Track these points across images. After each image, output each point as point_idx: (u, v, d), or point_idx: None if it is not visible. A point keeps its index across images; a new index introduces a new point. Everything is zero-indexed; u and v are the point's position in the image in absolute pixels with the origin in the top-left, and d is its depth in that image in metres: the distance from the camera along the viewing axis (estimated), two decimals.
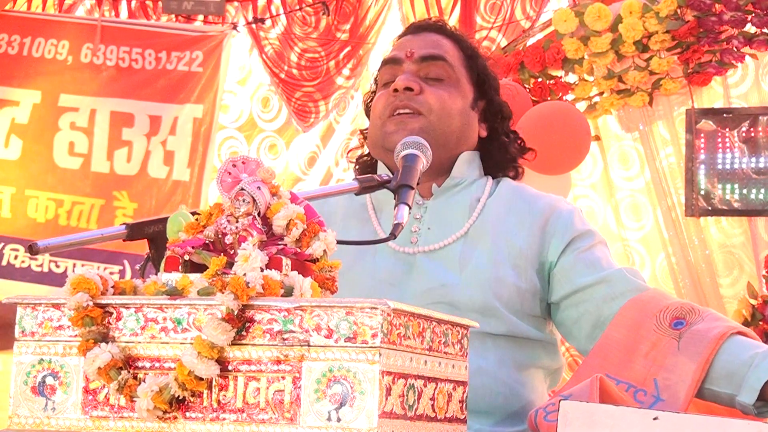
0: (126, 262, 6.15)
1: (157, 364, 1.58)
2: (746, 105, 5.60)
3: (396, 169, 2.14)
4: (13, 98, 6.40)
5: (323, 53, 6.54)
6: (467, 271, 2.27)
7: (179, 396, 1.55)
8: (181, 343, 1.57)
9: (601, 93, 5.64)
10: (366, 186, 2.15)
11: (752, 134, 5.50)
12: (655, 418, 1.57)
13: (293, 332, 1.52)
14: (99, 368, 1.58)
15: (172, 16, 6.65)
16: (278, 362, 1.53)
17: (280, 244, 1.63)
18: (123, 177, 6.29)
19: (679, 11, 5.37)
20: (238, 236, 1.63)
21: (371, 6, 6.51)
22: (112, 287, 1.63)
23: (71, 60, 6.38)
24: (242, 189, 1.65)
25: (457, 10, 6.27)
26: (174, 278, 1.61)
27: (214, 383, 1.55)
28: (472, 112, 2.43)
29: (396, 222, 1.99)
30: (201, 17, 6.70)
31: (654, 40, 5.40)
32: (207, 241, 1.65)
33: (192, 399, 1.56)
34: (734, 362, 2.04)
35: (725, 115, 5.56)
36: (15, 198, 6.34)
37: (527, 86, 5.62)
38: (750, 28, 5.37)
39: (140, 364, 1.59)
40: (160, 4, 6.56)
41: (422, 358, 1.60)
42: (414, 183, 2.09)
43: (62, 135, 6.34)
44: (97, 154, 6.31)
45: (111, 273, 1.62)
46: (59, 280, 6.06)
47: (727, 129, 5.53)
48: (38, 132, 6.36)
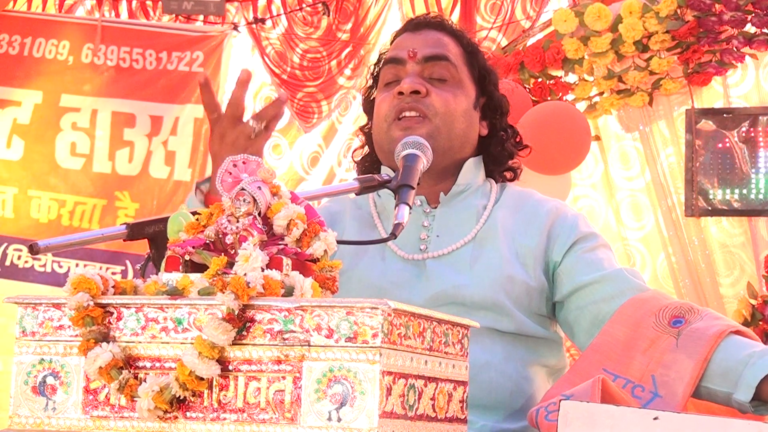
0: (128, 263, 6.14)
1: (158, 364, 1.58)
2: (746, 105, 5.59)
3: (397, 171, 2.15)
4: (15, 98, 6.39)
5: (325, 53, 6.54)
6: (478, 271, 2.28)
7: (180, 396, 1.55)
8: (182, 343, 1.57)
9: (601, 93, 5.64)
10: (366, 186, 2.15)
11: (752, 134, 5.49)
12: (656, 418, 1.58)
13: (294, 332, 1.52)
14: (100, 368, 1.58)
15: (173, 16, 6.64)
16: (279, 362, 1.53)
17: (281, 244, 1.63)
18: (124, 177, 6.29)
19: (679, 11, 5.36)
20: (239, 236, 1.63)
21: (371, 6, 6.51)
22: (113, 287, 1.63)
23: (72, 60, 6.37)
24: (243, 189, 1.65)
25: (457, 10, 6.26)
26: (174, 278, 1.61)
27: (215, 383, 1.55)
28: (475, 112, 2.43)
29: (396, 222, 1.99)
30: (201, 17, 6.69)
31: (654, 40, 5.40)
32: (207, 241, 1.65)
33: (192, 399, 1.56)
34: (731, 360, 2.05)
35: (725, 115, 5.55)
36: (17, 198, 6.33)
37: (527, 86, 5.61)
38: (750, 28, 5.36)
39: (141, 364, 1.59)
40: (160, 4, 6.56)
41: (423, 358, 1.60)
42: (414, 183, 2.09)
43: (64, 135, 6.33)
44: (99, 155, 6.31)
45: (113, 273, 1.61)
46: (62, 281, 6.03)
47: (727, 129, 5.52)
48: (40, 132, 6.35)
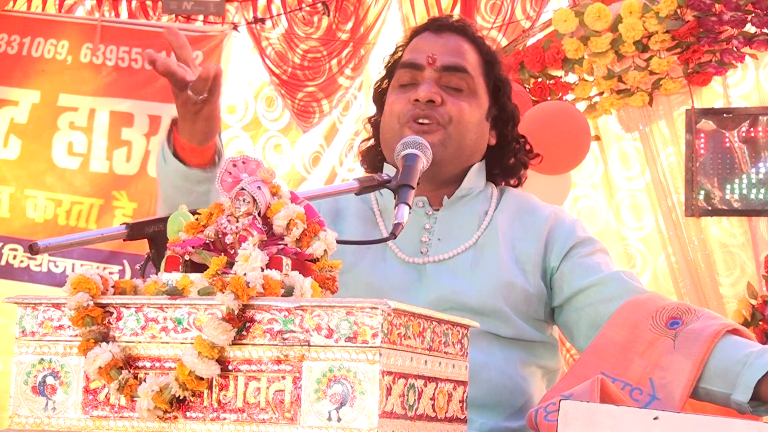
0: (126, 262, 6.12)
1: (158, 364, 1.58)
2: (746, 105, 5.60)
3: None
4: (12, 98, 6.38)
5: (325, 53, 6.53)
6: (478, 277, 2.30)
7: (180, 396, 1.55)
8: (182, 343, 1.57)
9: (601, 93, 5.64)
10: (366, 186, 2.15)
11: (752, 134, 5.49)
12: (656, 418, 1.58)
13: (293, 332, 1.52)
14: (99, 368, 1.58)
15: (172, 17, 6.64)
16: (278, 362, 1.53)
17: (281, 244, 1.63)
18: (122, 177, 6.27)
19: (679, 11, 5.36)
20: (239, 236, 1.63)
21: (371, 6, 6.50)
22: (113, 287, 1.63)
23: (71, 60, 6.36)
24: (242, 189, 1.65)
25: (457, 10, 6.26)
26: (174, 278, 1.61)
27: (215, 383, 1.55)
28: (486, 123, 2.44)
29: (396, 222, 2.00)
30: (201, 17, 6.69)
31: (654, 40, 5.40)
32: (207, 241, 1.65)
33: (192, 399, 1.56)
34: (728, 361, 2.05)
35: (725, 115, 5.56)
36: (13, 198, 6.32)
37: (527, 86, 5.61)
38: (750, 28, 5.36)
39: (141, 364, 1.59)
40: (160, 5, 6.55)
41: (422, 358, 1.60)
42: (414, 183, 2.10)
43: (61, 135, 6.32)
44: (96, 154, 6.29)
45: (111, 273, 1.60)
46: (58, 280, 6.04)
47: (727, 129, 5.53)
48: (37, 132, 6.34)
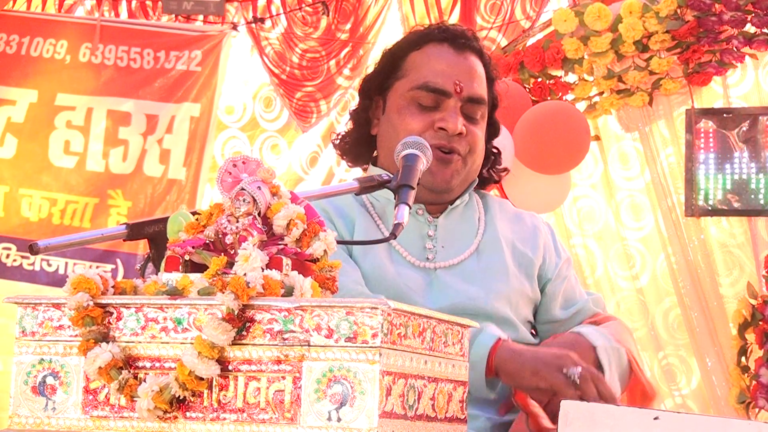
0: (119, 261, 6.09)
1: (158, 364, 1.58)
2: (746, 105, 5.59)
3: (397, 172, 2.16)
4: (10, 97, 6.38)
5: (324, 53, 6.53)
6: (489, 283, 2.34)
7: (180, 396, 1.55)
8: (182, 343, 1.57)
9: (601, 93, 5.63)
10: (366, 186, 2.15)
11: (752, 134, 5.49)
12: (656, 418, 1.58)
13: (293, 332, 1.52)
14: (99, 368, 1.58)
15: (172, 16, 6.64)
16: (278, 362, 1.53)
17: (281, 244, 1.63)
18: (118, 176, 6.25)
19: (679, 11, 5.36)
20: (239, 236, 1.63)
21: (371, 6, 6.50)
22: (113, 287, 1.63)
23: (69, 59, 6.35)
24: (242, 189, 1.65)
25: (457, 10, 6.26)
26: (174, 278, 1.61)
27: (215, 383, 1.55)
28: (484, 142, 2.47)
29: (396, 222, 2.00)
30: (201, 17, 6.69)
31: (654, 40, 5.39)
32: (207, 241, 1.65)
33: (192, 399, 1.56)
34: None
35: (725, 115, 5.55)
36: (8, 197, 6.31)
37: (527, 86, 5.61)
38: (750, 28, 5.36)
39: (141, 364, 1.59)
40: (160, 4, 6.55)
41: (422, 358, 1.60)
42: (414, 183, 2.10)
43: (58, 134, 6.31)
44: (93, 153, 6.28)
45: (104, 272, 1.60)
46: (51, 279, 6.04)
47: (727, 129, 5.52)
48: (34, 131, 6.33)
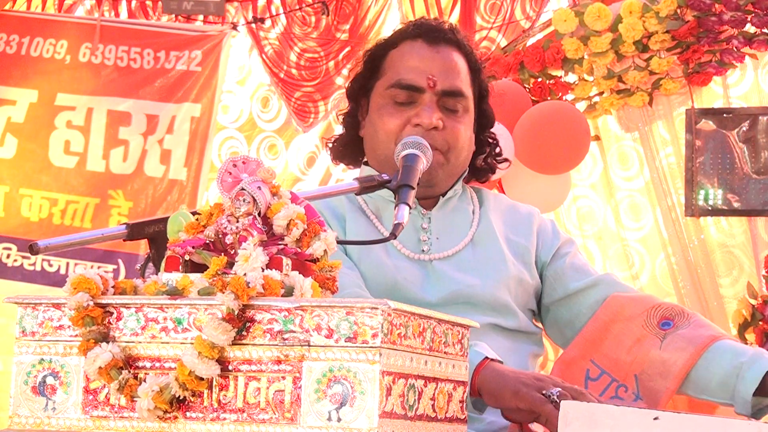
0: (120, 261, 6.09)
1: (158, 364, 1.58)
2: (746, 105, 5.59)
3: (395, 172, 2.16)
4: (10, 97, 6.38)
5: (323, 53, 6.53)
6: (486, 272, 2.34)
7: (180, 396, 1.55)
8: (182, 343, 1.57)
9: (601, 93, 5.63)
10: (366, 186, 2.15)
11: (752, 134, 5.49)
12: (656, 418, 1.58)
13: (294, 332, 1.52)
14: (99, 368, 1.58)
15: (172, 16, 6.64)
16: (279, 362, 1.53)
17: (281, 244, 1.63)
18: (118, 176, 6.25)
19: (679, 11, 5.36)
20: (239, 236, 1.63)
21: (371, 6, 6.50)
22: (113, 287, 1.63)
23: (69, 59, 6.36)
24: (243, 189, 1.65)
25: (457, 10, 6.26)
26: (174, 278, 1.61)
27: (215, 383, 1.55)
28: (473, 134, 2.44)
29: (396, 222, 2.00)
30: (201, 17, 6.69)
31: (654, 40, 5.39)
32: (207, 241, 1.65)
33: (192, 399, 1.56)
34: (722, 372, 2.16)
35: (725, 115, 5.55)
36: (8, 197, 6.31)
37: (527, 86, 5.61)
38: (750, 28, 5.36)
39: (141, 364, 1.59)
40: (160, 4, 6.55)
41: (422, 358, 1.60)
42: (414, 183, 2.10)
43: (58, 134, 6.31)
44: (93, 153, 6.28)
45: (105, 272, 1.60)
46: (52, 279, 6.04)
47: (727, 129, 5.52)
48: (34, 131, 6.33)
